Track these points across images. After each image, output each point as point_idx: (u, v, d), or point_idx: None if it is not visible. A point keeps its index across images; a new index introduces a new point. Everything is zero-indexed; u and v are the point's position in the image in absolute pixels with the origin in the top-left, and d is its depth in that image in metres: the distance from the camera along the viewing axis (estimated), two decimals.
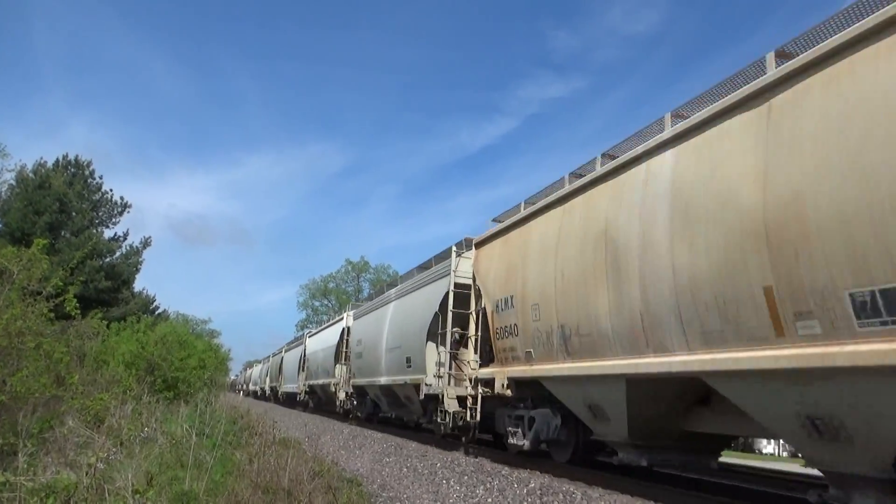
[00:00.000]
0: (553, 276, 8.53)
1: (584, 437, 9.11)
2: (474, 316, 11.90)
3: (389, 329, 16.18)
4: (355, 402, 20.79)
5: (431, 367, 13.24)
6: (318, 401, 27.75)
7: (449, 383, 12.17)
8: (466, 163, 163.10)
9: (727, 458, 12.57)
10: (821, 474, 5.54)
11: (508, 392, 9.93)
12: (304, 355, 29.29)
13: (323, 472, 7.59)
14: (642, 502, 6.82)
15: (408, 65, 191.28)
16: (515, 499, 7.30)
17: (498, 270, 10.52)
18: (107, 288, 26.81)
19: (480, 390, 10.91)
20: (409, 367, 14.25)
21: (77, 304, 8.79)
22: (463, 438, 12.20)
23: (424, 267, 15.83)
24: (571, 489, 7.50)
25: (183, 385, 16.16)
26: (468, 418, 11.30)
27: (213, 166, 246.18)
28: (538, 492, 7.50)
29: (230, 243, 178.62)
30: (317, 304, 72.00)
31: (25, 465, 5.39)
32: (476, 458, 11.05)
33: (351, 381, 20.29)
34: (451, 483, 8.52)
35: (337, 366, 22.70)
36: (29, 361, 7.41)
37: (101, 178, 30.99)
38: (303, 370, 29.44)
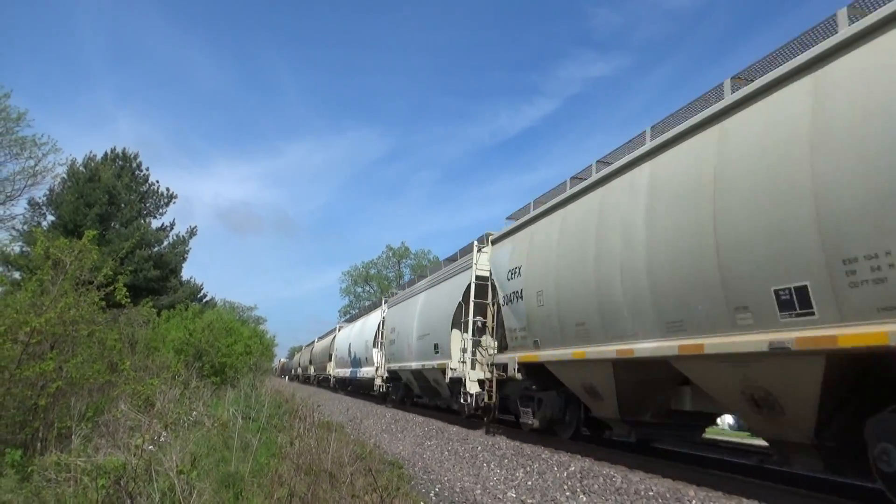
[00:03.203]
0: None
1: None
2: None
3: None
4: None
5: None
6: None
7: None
8: (506, 146, 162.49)
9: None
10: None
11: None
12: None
13: (364, 455, 7.72)
14: (683, 485, 6.74)
15: (444, 47, 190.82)
16: (556, 482, 7.30)
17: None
18: (155, 277, 27.64)
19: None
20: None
21: (127, 293, 9.08)
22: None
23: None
24: (612, 473, 7.46)
25: (230, 370, 16.60)
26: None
27: (256, 155, 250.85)
28: (578, 475, 7.49)
29: (275, 230, 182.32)
30: (359, 290, 72.81)
31: (80, 447, 5.64)
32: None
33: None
34: (492, 466, 8.57)
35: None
36: (83, 348, 7.71)
37: (147, 169, 31.91)
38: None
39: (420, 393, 19.16)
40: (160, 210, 32.22)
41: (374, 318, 26.00)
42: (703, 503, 5.94)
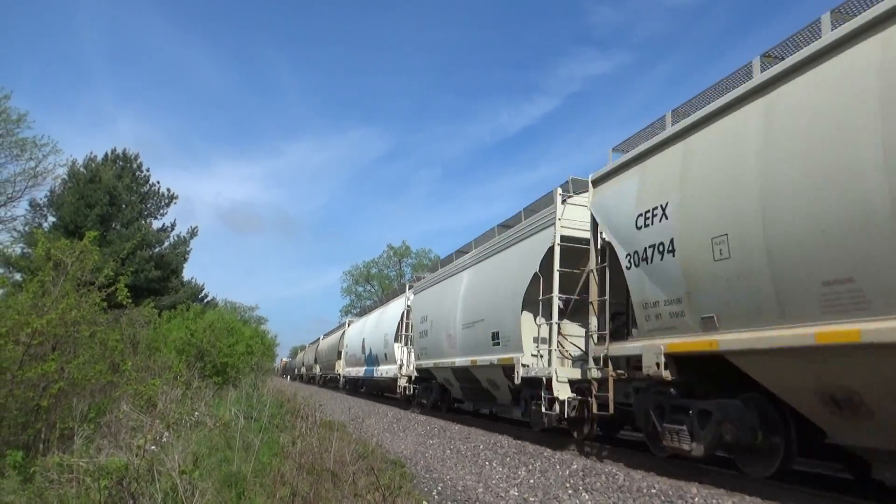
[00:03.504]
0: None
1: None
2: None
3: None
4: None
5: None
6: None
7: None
8: (506, 144, 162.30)
9: None
10: None
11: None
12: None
13: (367, 454, 7.72)
14: (685, 483, 6.74)
15: (444, 45, 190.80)
16: (558, 480, 7.30)
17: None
18: (157, 277, 27.68)
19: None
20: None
21: (128, 294, 9.08)
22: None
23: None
24: (614, 470, 7.46)
25: (231, 370, 16.61)
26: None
27: (257, 155, 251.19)
28: (580, 473, 7.49)
29: (276, 230, 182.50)
30: (360, 289, 72.90)
31: (83, 448, 5.64)
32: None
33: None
34: (494, 464, 8.57)
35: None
36: (84, 349, 7.71)
37: (148, 170, 31.96)
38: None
39: (462, 396, 15.61)
40: (161, 211, 32.30)
41: (394, 308, 22.75)
42: (705, 500, 5.94)
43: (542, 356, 10.52)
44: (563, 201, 10.40)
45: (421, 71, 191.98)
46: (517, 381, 10.77)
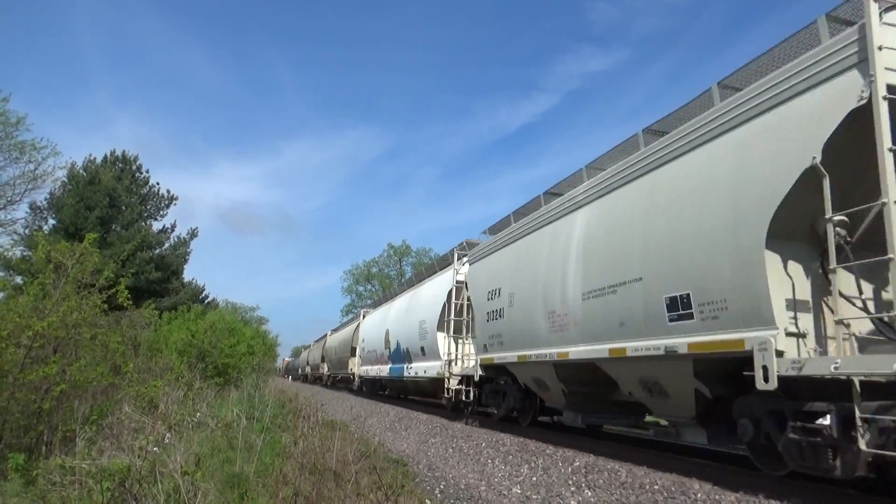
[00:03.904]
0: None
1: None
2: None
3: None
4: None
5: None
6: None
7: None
8: (506, 142, 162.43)
9: None
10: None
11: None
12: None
13: (369, 454, 7.72)
14: (687, 479, 6.74)
15: (443, 43, 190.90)
16: (560, 477, 7.30)
17: None
18: (157, 279, 27.72)
19: None
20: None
21: (129, 296, 9.09)
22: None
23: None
24: (616, 467, 7.46)
25: (233, 371, 16.62)
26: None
27: (256, 155, 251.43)
28: (583, 470, 7.49)
29: (276, 230, 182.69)
30: (360, 289, 72.87)
31: (85, 450, 5.65)
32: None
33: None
34: (496, 462, 8.57)
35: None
36: (86, 351, 7.72)
37: (147, 171, 32.04)
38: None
39: (565, 405, 10.62)
40: (161, 212, 32.39)
41: (433, 287, 17.88)
42: (708, 495, 5.94)
43: (805, 336, 5.77)
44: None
45: (420, 69, 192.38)
46: (767, 382, 5.60)
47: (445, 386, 14.71)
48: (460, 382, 14.23)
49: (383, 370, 22.43)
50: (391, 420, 15.34)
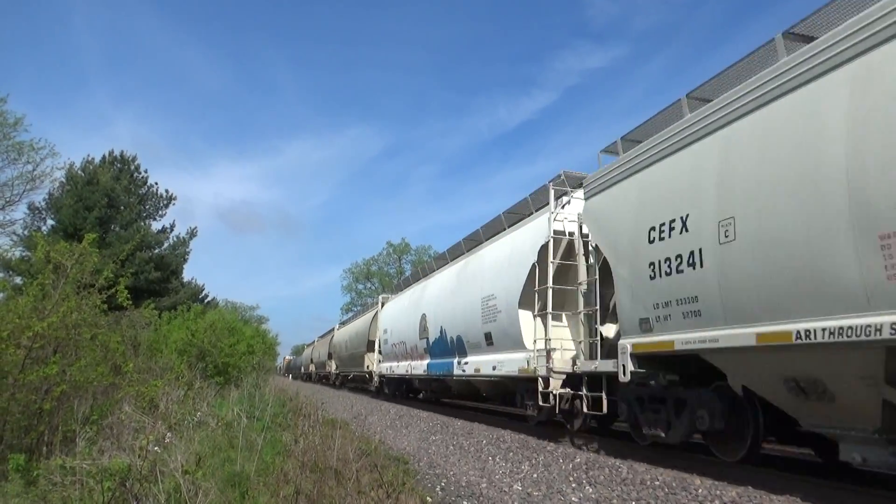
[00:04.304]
0: None
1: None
2: None
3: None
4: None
5: None
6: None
7: None
8: (505, 139, 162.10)
9: None
10: None
11: None
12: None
13: (370, 452, 7.72)
14: (688, 475, 6.75)
15: (441, 41, 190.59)
16: (561, 474, 7.31)
17: None
18: (157, 279, 27.71)
19: None
20: None
21: (128, 296, 9.08)
22: None
23: None
24: (617, 463, 7.48)
25: (233, 370, 16.62)
26: None
27: (255, 154, 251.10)
28: (584, 466, 7.50)
29: (276, 229, 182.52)
30: (360, 287, 72.93)
31: (85, 450, 5.65)
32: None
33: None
34: (497, 459, 8.58)
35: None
36: (86, 352, 7.71)
37: (146, 171, 32.02)
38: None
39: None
40: (160, 212, 32.37)
41: (510, 246, 12.31)
42: (709, 491, 5.95)
43: None
44: None
45: (418, 67, 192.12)
46: None
47: (540, 389, 10.15)
48: (581, 383, 9.50)
49: (418, 367, 17.59)
50: (392, 418, 15.24)
